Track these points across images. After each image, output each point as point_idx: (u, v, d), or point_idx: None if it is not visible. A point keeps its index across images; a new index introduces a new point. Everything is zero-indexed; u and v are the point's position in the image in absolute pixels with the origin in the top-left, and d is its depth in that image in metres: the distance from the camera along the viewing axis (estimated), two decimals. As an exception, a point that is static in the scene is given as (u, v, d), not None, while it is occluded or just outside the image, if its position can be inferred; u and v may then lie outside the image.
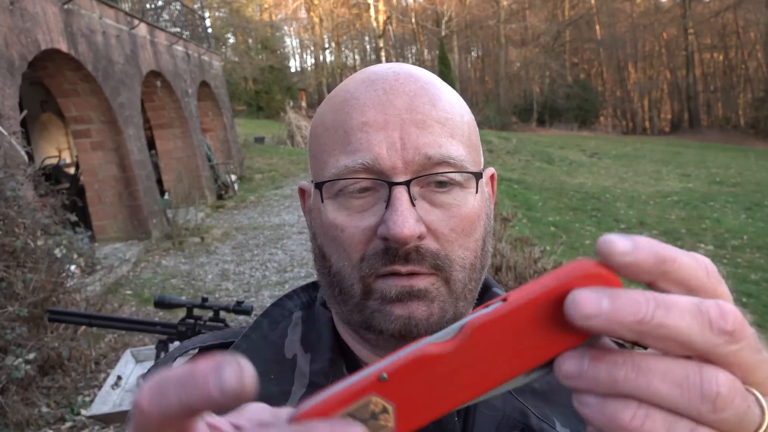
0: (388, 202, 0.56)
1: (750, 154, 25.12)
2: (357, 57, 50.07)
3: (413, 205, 0.56)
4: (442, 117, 0.59)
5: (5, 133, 5.35)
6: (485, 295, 0.70)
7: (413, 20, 45.43)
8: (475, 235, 0.60)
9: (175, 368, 0.27)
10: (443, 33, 39.01)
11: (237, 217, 11.24)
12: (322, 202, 0.60)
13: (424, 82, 0.61)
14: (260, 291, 6.71)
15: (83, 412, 3.90)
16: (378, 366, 0.28)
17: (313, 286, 0.73)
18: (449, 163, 0.57)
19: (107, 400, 2.14)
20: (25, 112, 6.68)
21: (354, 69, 42.69)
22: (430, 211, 0.57)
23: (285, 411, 0.30)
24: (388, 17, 43.96)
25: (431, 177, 0.57)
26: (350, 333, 0.65)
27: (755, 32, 40.48)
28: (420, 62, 45.54)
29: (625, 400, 0.28)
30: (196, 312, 2.15)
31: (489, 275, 0.72)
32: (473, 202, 0.59)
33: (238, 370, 0.25)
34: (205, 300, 2.06)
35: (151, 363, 2.33)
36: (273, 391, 0.62)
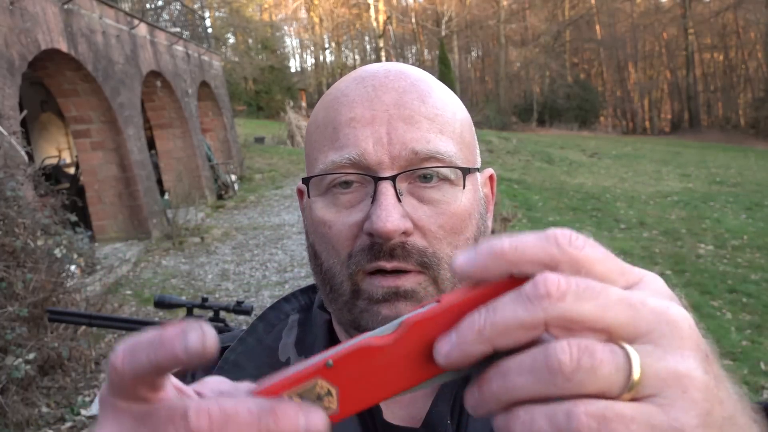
0: (374, 197, 0.55)
1: (750, 154, 25.12)
2: (357, 57, 50.07)
3: (399, 200, 0.55)
4: (432, 113, 0.58)
5: (5, 133, 5.35)
6: None
7: (413, 20, 45.44)
8: (465, 234, 0.59)
9: (145, 332, 0.30)
10: (443, 33, 39.01)
11: (237, 217, 11.24)
12: (312, 198, 0.60)
13: (415, 79, 0.60)
14: (260, 291, 6.71)
15: (83, 412, 3.90)
16: (326, 354, 0.32)
17: (312, 289, 0.73)
18: (437, 158, 0.57)
19: (107, 400, 2.14)
20: (25, 112, 6.68)
21: (354, 69, 42.32)
22: (417, 207, 0.57)
23: (244, 385, 0.33)
24: (388, 17, 43.96)
25: (418, 172, 0.57)
26: (344, 334, 0.65)
27: (755, 32, 40.48)
28: (420, 62, 45.54)
29: (514, 409, 0.29)
30: (196, 312, 2.15)
31: None
32: (463, 200, 0.59)
33: (201, 334, 0.28)
34: (205, 300, 2.06)
35: (151, 363, 2.32)
36: None
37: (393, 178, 0.55)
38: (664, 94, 46.60)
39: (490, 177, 0.69)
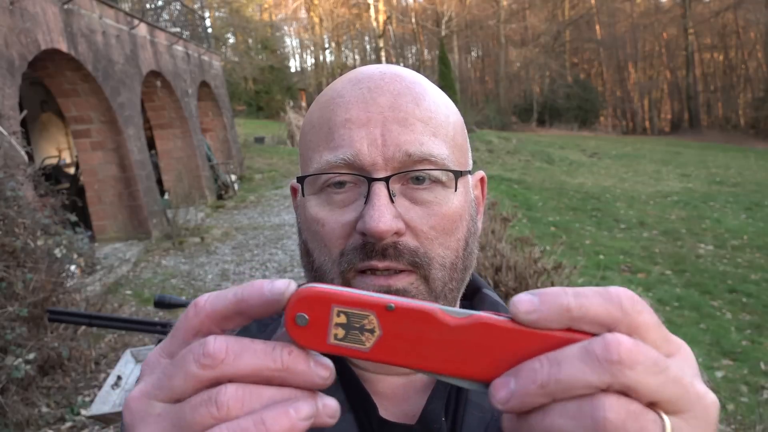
0: (367, 197, 0.56)
1: (750, 154, 25.12)
2: (357, 57, 50.05)
3: (392, 201, 0.56)
4: (426, 116, 0.59)
5: (5, 133, 5.35)
6: (475, 296, 0.71)
7: (413, 20, 45.41)
8: (456, 235, 0.60)
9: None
10: (443, 33, 38.99)
11: (237, 217, 11.24)
12: (306, 196, 0.61)
13: (410, 82, 0.61)
14: (260, 291, 6.70)
15: (83, 412, 3.90)
16: (391, 297, 0.33)
17: None
18: (430, 160, 0.58)
19: (107, 400, 2.14)
20: (25, 112, 6.68)
21: (354, 69, 42.27)
22: (410, 209, 0.58)
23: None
24: (388, 17, 43.95)
25: (411, 173, 0.58)
26: None
27: (755, 32, 40.46)
28: (420, 62, 45.54)
29: None
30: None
31: (479, 276, 0.73)
32: (454, 201, 0.59)
33: (287, 282, 0.33)
34: (205, 300, 2.06)
35: (151, 363, 2.32)
36: None
37: (386, 179, 0.56)
38: (664, 94, 46.59)
39: (481, 179, 0.70)
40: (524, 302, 0.31)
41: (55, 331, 4.28)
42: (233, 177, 13.89)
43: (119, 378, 2.27)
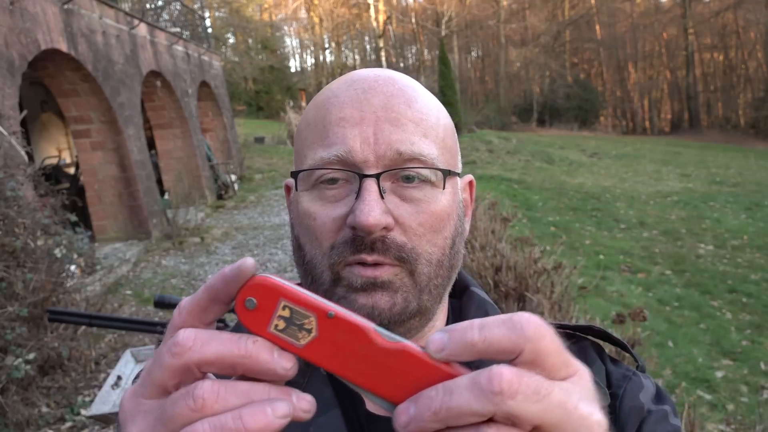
0: (358, 193, 0.58)
1: (750, 154, 25.11)
2: (357, 57, 50.03)
3: (382, 197, 0.58)
4: (417, 117, 0.61)
5: (5, 133, 5.35)
6: (464, 294, 0.73)
7: (413, 20, 45.40)
8: (444, 233, 0.62)
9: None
10: (443, 33, 38.97)
11: (237, 217, 11.24)
12: (299, 192, 0.63)
13: (402, 85, 0.64)
14: (260, 291, 6.70)
15: (83, 412, 3.90)
16: (335, 306, 0.35)
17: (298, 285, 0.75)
18: (419, 159, 0.60)
19: (107, 400, 2.14)
20: (25, 112, 6.68)
21: (354, 69, 42.30)
22: (399, 205, 0.60)
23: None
24: (388, 17, 43.95)
25: (401, 171, 0.60)
26: None
27: (755, 32, 40.46)
28: (420, 62, 45.53)
29: None
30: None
31: (468, 275, 0.75)
32: (443, 200, 0.62)
33: (243, 259, 0.36)
34: (205, 300, 2.06)
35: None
36: None
37: (377, 176, 0.58)
38: (664, 94, 46.58)
39: (470, 183, 0.72)
40: (435, 342, 0.34)
41: (55, 331, 4.28)
42: (233, 177, 13.89)
43: (119, 378, 2.27)
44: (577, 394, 0.34)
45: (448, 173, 0.62)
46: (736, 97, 41.45)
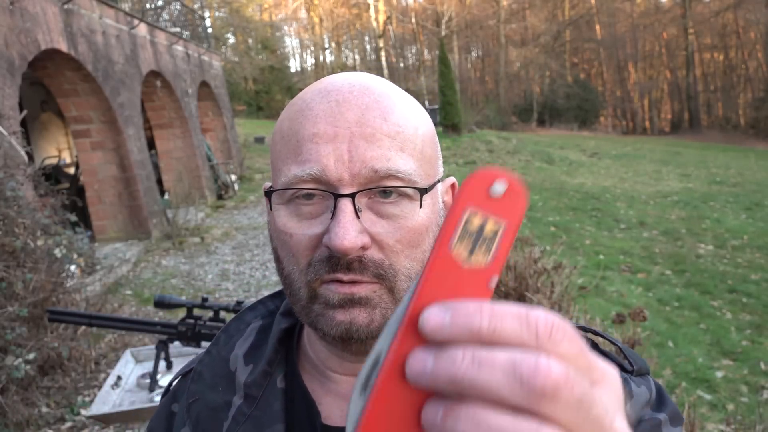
0: (333, 213, 0.57)
1: (750, 154, 25.11)
2: (357, 57, 50.02)
3: (358, 216, 0.57)
4: (393, 131, 0.59)
5: (5, 133, 5.35)
6: None
7: (413, 20, 45.38)
8: (423, 246, 0.61)
9: None
10: (443, 33, 38.94)
11: (237, 217, 11.24)
12: (274, 207, 0.62)
13: (378, 94, 0.61)
14: (260, 291, 6.71)
15: (83, 412, 3.90)
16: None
17: (282, 293, 0.76)
18: (396, 176, 0.58)
19: (107, 400, 2.14)
20: (25, 112, 6.67)
21: (354, 69, 42.71)
22: (376, 222, 0.58)
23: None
24: (388, 17, 43.94)
25: (377, 189, 0.58)
26: (312, 335, 0.69)
27: (755, 32, 40.45)
28: (420, 62, 45.52)
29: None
30: (196, 312, 2.15)
31: None
32: (422, 214, 0.60)
33: None
34: (205, 300, 2.06)
35: (150, 363, 2.32)
36: (218, 402, 0.68)
37: (352, 196, 0.57)
38: (664, 94, 46.58)
39: (452, 185, 0.70)
40: (433, 319, 0.29)
41: (55, 331, 4.28)
42: (233, 177, 13.89)
43: (119, 378, 2.27)
44: (612, 407, 0.30)
45: (425, 191, 0.60)
46: (736, 97, 41.44)
